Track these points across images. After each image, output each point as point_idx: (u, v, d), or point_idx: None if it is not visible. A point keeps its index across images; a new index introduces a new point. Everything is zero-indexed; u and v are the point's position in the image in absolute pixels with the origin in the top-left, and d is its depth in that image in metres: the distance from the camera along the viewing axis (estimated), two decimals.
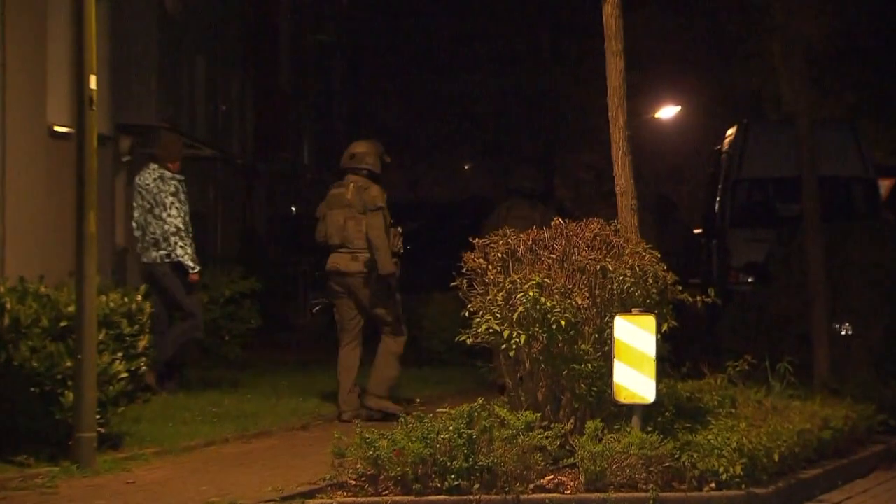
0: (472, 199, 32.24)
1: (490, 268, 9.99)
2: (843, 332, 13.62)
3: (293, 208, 41.68)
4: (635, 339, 9.53)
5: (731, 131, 20.82)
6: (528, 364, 9.88)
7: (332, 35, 48.00)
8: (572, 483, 9.29)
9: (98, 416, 10.14)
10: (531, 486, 9.19)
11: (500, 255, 10.01)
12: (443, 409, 9.74)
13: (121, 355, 10.51)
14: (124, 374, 10.49)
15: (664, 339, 9.88)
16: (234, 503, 8.98)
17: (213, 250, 26.90)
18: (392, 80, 44.62)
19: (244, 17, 35.55)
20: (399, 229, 13.15)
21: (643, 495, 9.17)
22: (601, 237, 10.05)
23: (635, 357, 9.52)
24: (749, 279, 18.25)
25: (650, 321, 9.55)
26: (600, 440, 9.39)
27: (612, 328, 9.61)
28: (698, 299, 10.23)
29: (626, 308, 9.70)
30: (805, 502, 10.05)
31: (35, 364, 10.10)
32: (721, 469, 9.34)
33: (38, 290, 10.52)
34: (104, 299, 10.54)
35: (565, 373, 9.74)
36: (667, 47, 36.00)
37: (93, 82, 10.22)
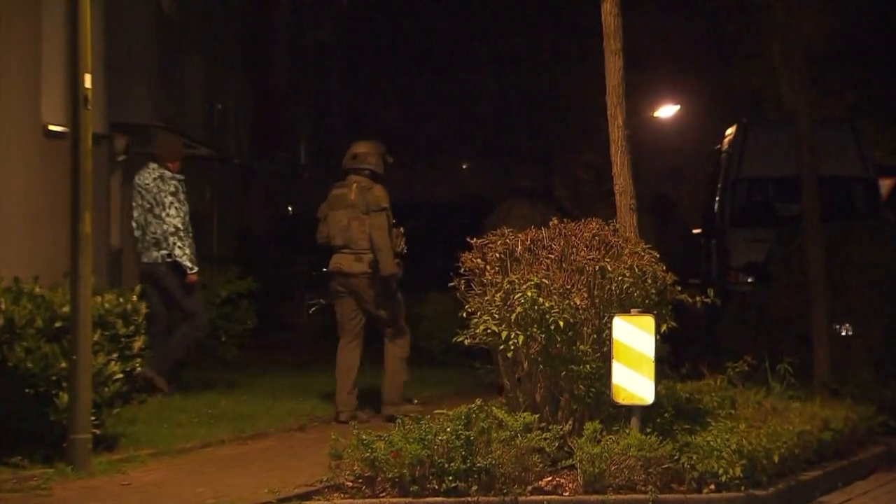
0: (472, 198, 32.19)
1: (488, 268, 9.96)
2: (844, 333, 13.59)
3: (290, 208, 41.64)
4: (634, 339, 9.51)
5: (730, 131, 20.77)
6: (526, 365, 9.86)
7: (331, 34, 47.98)
8: (571, 485, 9.27)
9: (93, 418, 10.12)
10: (529, 487, 9.17)
11: (498, 255, 10.00)
12: (440, 411, 9.73)
13: (116, 356, 10.49)
14: (119, 376, 10.48)
15: (663, 340, 9.86)
16: None
17: (210, 250, 26.81)
18: (391, 80, 44.60)
19: (242, 17, 35.50)
20: (401, 230, 13.10)
21: (642, 497, 9.15)
22: (600, 237, 10.04)
23: (634, 358, 9.50)
24: (749, 279, 18.21)
25: (649, 322, 9.53)
26: (599, 441, 9.37)
27: (610, 329, 9.59)
28: (697, 300, 10.20)
29: (624, 308, 9.67)
30: None
31: (29, 365, 10.06)
32: (720, 471, 9.32)
33: (33, 290, 10.49)
34: (99, 300, 10.53)
35: (564, 374, 9.71)
36: (666, 46, 35.97)
37: (88, 81, 10.18)
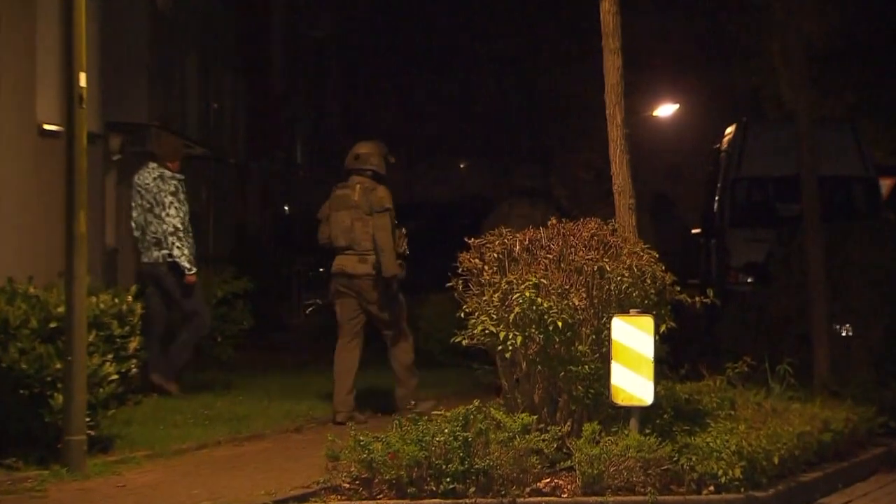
0: (472, 198, 32.18)
1: (486, 268, 9.94)
2: (844, 333, 13.55)
3: (286, 208, 41.60)
4: (633, 340, 9.47)
5: (730, 130, 20.72)
6: (524, 366, 9.82)
7: (330, 33, 47.92)
8: (569, 486, 9.24)
9: (88, 419, 10.08)
10: (527, 489, 9.14)
11: (496, 255, 9.97)
12: (438, 412, 9.72)
13: (111, 357, 10.45)
14: (115, 376, 10.44)
15: (662, 341, 9.82)
16: None
17: (206, 250, 26.76)
18: (390, 79, 44.61)
19: (237, 15, 35.42)
20: (404, 231, 13.08)
21: (641, 499, 9.12)
22: (598, 237, 10.03)
23: (633, 358, 9.46)
24: (748, 279, 18.19)
25: (648, 322, 9.49)
26: (598, 443, 9.34)
27: (609, 329, 9.55)
28: (697, 300, 10.16)
29: (623, 309, 9.63)
30: None
31: (24, 366, 10.03)
32: (720, 472, 9.29)
33: (28, 290, 10.47)
34: (94, 300, 10.49)
35: (562, 374, 9.68)
36: (665, 45, 35.91)
37: (83, 80, 10.14)
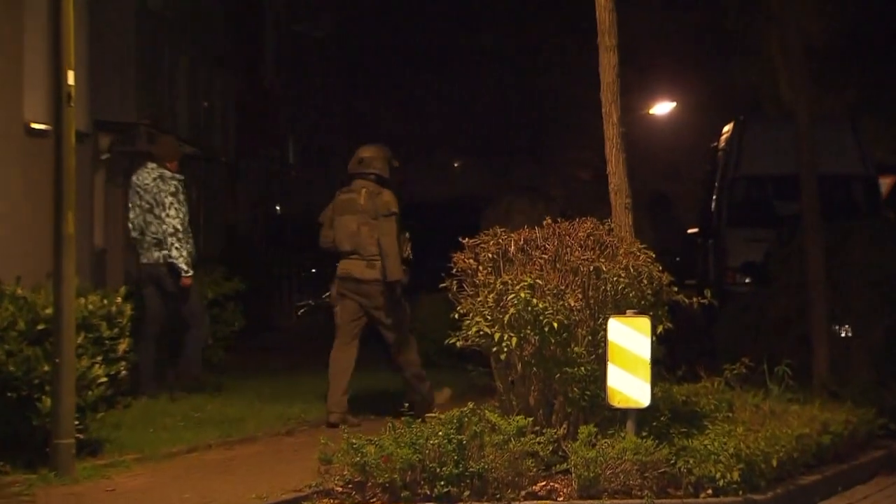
0: (470, 198, 32.10)
1: (480, 268, 9.92)
2: (843, 334, 13.52)
3: (278, 207, 41.56)
4: (630, 341, 9.42)
5: (727, 128, 20.70)
6: (519, 367, 9.79)
7: (324, 30, 47.90)
8: (565, 490, 9.21)
9: (76, 422, 10.02)
10: (523, 492, 9.10)
11: (490, 255, 9.95)
12: (432, 414, 9.71)
13: (100, 359, 10.41)
14: (103, 379, 10.40)
15: (659, 342, 9.78)
16: None
17: (196, 250, 26.68)
18: (387, 78, 44.62)
19: (228, 12, 35.34)
20: (408, 235, 13.03)
21: (638, 502, 9.08)
22: (594, 237, 10.03)
23: (630, 360, 9.41)
24: (747, 279, 18.18)
25: (645, 323, 9.44)
26: (594, 445, 9.30)
27: (605, 330, 9.51)
28: (694, 300, 10.14)
29: (620, 309, 9.59)
30: None
31: (11, 368, 9.97)
32: (718, 475, 9.25)
33: (15, 291, 10.43)
34: (83, 301, 10.44)
35: (558, 376, 9.63)
36: (663, 42, 35.93)
37: (71, 78, 10.10)
